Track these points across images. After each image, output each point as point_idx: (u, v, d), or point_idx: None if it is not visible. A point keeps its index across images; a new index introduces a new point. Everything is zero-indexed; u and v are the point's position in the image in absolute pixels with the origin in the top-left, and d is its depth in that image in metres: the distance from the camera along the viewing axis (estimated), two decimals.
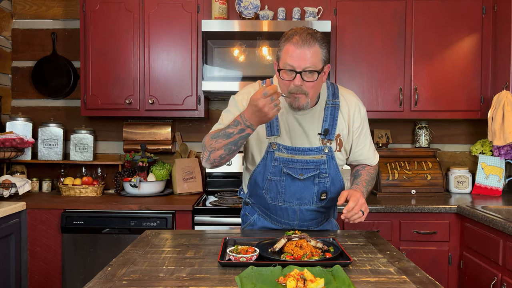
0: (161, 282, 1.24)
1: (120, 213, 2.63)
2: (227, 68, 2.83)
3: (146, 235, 1.78)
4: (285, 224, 1.83)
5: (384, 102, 2.94)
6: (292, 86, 1.57)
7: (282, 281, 1.20)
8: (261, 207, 1.84)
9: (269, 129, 1.71)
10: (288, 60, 1.55)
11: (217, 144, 1.60)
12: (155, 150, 3.21)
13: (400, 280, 1.27)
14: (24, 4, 3.33)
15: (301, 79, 1.55)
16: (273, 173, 1.73)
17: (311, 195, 1.75)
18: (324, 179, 1.74)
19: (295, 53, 1.54)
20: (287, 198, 1.75)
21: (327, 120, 1.72)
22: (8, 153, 2.86)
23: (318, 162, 1.71)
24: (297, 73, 1.55)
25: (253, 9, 2.88)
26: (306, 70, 1.55)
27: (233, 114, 1.70)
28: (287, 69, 1.56)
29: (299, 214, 1.79)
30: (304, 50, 1.54)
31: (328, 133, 1.72)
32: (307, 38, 1.54)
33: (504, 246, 2.12)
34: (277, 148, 1.71)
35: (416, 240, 2.60)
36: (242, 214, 1.94)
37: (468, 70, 2.94)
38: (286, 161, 1.71)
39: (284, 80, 1.59)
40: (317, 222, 1.85)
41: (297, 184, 1.73)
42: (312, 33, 1.57)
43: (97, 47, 2.93)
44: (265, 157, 1.73)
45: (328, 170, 1.73)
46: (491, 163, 3.01)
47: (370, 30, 2.92)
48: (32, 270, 2.66)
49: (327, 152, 1.72)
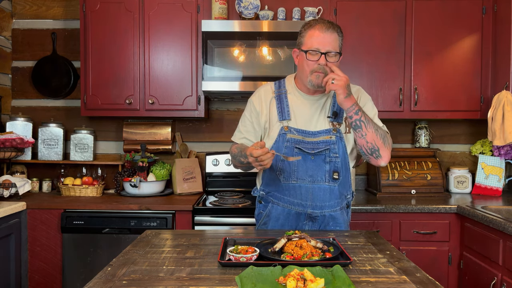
0: (161, 282, 1.24)
1: (120, 213, 2.63)
2: (227, 68, 2.83)
3: (146, 235, 1.78)
4: (299, 206, 1.85)
5: (384, 102, 2.94)
6: (316, 66, 1.77)
7: (282, 281, 1.20)
8: (275, 192, 1.89)
9: (281, 114, 1.88)
10: (314, 43, 1.76)
11: (236, 163, 1.94)
12: (155, 150, 3.21)
13: (400, 280, 1.27)
14: (24, 4, 3.33)
15: (325, 59, 1.75)
16: (286, 153, 1.84)
17: (323, 173, 1.84)
18: (334, 158, 1.85)
19: (320, 37, 1.76)
20: (300, 175, 1.84)
21: (335, 105, 1.87)
22: (8, 153, 2.87)
23: (327, 142, 1.84)
24: (322, 53, 1.75)
25: (253, 9, 2.88)
26: (330, 52, 1.76)
27: (248, 119, 1.95)
28: (313, 50, 1.76)
29: (312, 193, 1.84)
30: (327, 34, 1.76)
31: (337, 115, 1.86)
32: (328, 26, 1.77)
33: (504, 246, 2.12)
34: (288, 130, 1.85)
35: (416, 240, 2.60)
36: (257, 213, 1.99)
37: (468, 70, 2.94)
38: (298, 141, 1.84)
39: (310, 61, 1.78)
40: (330, 206, 1.87)
41: (309, 161, 1.84)
42: (331, 22, 1.80)
43: (97, 47, 2.93)
44: (277, 140, 1.86)
45: (337, 151, 1.85)
46: (491, 163, 3.01)
47: (370, 30, 2.92)
48: (32, 270, 2.66)
49: (336, 133, 1.85)
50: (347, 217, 1.97)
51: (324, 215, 1.87)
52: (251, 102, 1.96)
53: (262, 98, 1.94)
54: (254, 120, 1.94)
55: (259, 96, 1.95)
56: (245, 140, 1.95)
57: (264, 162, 1.65)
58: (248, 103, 1.98)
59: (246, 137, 1.95)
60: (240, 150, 1.88)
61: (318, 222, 1.88)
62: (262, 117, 1.92)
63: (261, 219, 1.96)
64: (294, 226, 1.89)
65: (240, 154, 1.87)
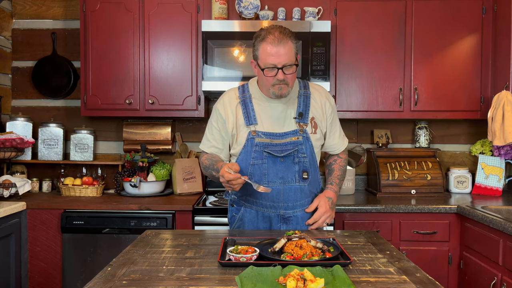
0: (161, 282, 1.24)
1: (120, 213, 2.63)
2: (227, 68, 2.83)
3: (146, 235, 1.78)
4: (271, 208, 1.88)
5: (384, 102, 2.94)
6: (275, 80, 1.78)
7: (282, 281, 1.20)
8: (247, 196, 1.91)
9: (247, 119, 1.89)
10: (269, 59, 1.75)
11: (208, 175, 1.98)
12: (155, 150, 3.21)
13: (400, 280, 1.27)
14: (24, 4, 3.33)
15: (283, 73, 1.76)
16: (255, 157, 1.86)
17: (293, 173, 1.88)
18: (303, 158, 1.88)
19: (273, 51, 1.74)
20: (270, 178, 1.87)
21: (300, 106, 1.91)
22: (8, 153, 2.87)
23: (295, 143, 1.87)
24: (278, 69, 1.76)
25: (253, 9, 2.88)
26: (286, 65, 1.75)
27: (215, 127, 1.95)
28: (269, 67, 1.76)
29: (284, 194, 1.87)
30: (280, 48, 1.74)
31: (302, 116, 1.89)
32: (280, 37, 1.74)
33: (504, 246, 2.12)
34: (256, 134, 1.87)
35: (416, 240, 2.60)
36: (230, 217, 2.00)
37: (468, 70, 2.94)
38: (266, 145, 1.86)
39: (268, 76, 1.78)
40: (301, 205, 1.90)
41: (278, 164, 1.87)
42: (283, 31, 1.76)
43: (97, 47, 2.93)
44: (246, 145, 1.88)
45: (305, 151, 1.89)
46: (491, 163, 3.01)
47: (370, 30, 2.92)
48: (32, 270, 2.66)
49: (303, 134, 1.88)
50: None
51: (297, 215, 1.90)
52: (217, 110, 1.94)
53: (227, 104, 1.92)
54: (221, 127, 1.93)
55: (223, 103, 1.94)
56: (214, 148, 1.95)
57: (234, 186, 1.69)
58: (214, 111, 1.97)
59: (215, 146, 1.95)
60: (212, 163, 1.90)
61: (292, 223, 1.90)
62: (228, 124, 1.91)
63: (235, 223, 1.97)
64: (269, 229, 1.91)
65: (212, 167, 1.89)
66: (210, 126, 1.98)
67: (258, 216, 1.91)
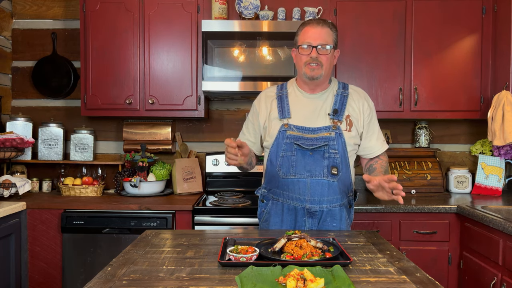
0: (161, 282, 1.24)
1: (120, 213, 2.63)
2: (227, 68, 2.83)
3: (146, 235, 1.78)
4: (297, 200, 1.88)
5: (384, 102, 2.94)
6: (308, 58, 1.85)
7: (282, 281, 1.20)
8: (275, 188, 1.93)
9: (281, 112, 1.93)
10: (306, 38, 1.86)
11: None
12: (155, 150, 3.21)
13: (400, 280, 1.27)
14: (24, 4, 3.33)
15: (317, 52, 1.84)
16: (285, 149, 1.89)
17: (321, 168, 1.87)
18: (333, 154, 1.88)
19: (310, 31, 1.86)
20: (298, 171, 1.87)
21: (336, 103, 1.93)
22: (8, 153, 2.87)
23: (327, 139, 1.87)
24: (313, 47, 1.84)
25: (253, 9, 2.88)
26: (321, 45, 1.84)
27: (250, 120, 2.04)
28: (305, 46, 1.85)
29: (310, 188, 1.86)
30: (318, 29, 1.85)
31: (337, 113, 1.90)
32: (319, 21, 1.88)
33: (504, 246, 2.12)
34: (288, 127, 1.90)
35: (416, 240, 2.60)
36: (259, 212, 2.03)
37: (468, 70, 2.94)
38: (297, 138, 1.88)
39: (302, 55, 1.87)
40: (329, 201, 1.88)
41: (307, 157, 1.87)
42: (324, 20, 1.91)
43: (97, 47, 2.93)
44: (278, 137, 1.91)
45: (337, 147, 1.88)
46: (491, 163, 3.01)
47: (370, 30, 2.92)
48: (32, 270, 2.66)
49: (336, 130, 1.88)
50: (349, 217, 1.97)
51: (323, 210, 1.88)
52: (253, 105, 2.06)
53: (262, 99, 2.02)
54: (254, 121, 2.03)
55: (260, 98, 2.04)
56: (248, 141, 2.02)
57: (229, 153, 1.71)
58: (252, 106, 2.08)
59: (248, 139, 2.04)
60: None
61: (317, 217, 1.89)
62: (260, 117, 1.99)
63: (263, 217, 1.99)
64: (294, 222, 1.91)
65: None
66: (247, 120, 2.08)
67: (284, 209, 1.92)
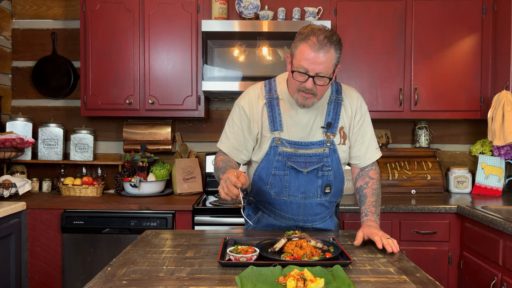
0: (161, 282, 1.24)
1: (120, 213, 2.63)
2: (227, 68, 2.83)
3: (146, 235, 1.78)
4: (290, 220, 1.82)
5: (384, 102, 2.94)
6: (302, 86, 1.62)
7: (282, 281, 1.20)
8: (265, 203, 1.84)
9: (272, 124, 1.74)
10: (303, 63, 1.57)
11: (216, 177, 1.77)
12: (155, 150, 3.21)
13: (400, 280, 1.27)
14: (24, 4, 3.33)
15: (313, 83, 1.59)
16: (277, 167, 1.75)
17: (315, 188, 1.77)
18: (327, 172, 1.76)
19: (310, 56, 1.55)
20: (291, 192, 1.77)
21: (330, 114, 1.76)
22: (8, 153, 2.87)
23: (320, 156, 1.75)
24: (309, 76, 1.58)
25: (253, 9, 2.88)
26: (319, 76, 1.58)
27: (238, 126, 1.78)
28: (301, 72, 1.59)
29: (304, 208, 1.79)
30: (319, 54, 1.54)
31: (331, 126, 1.75)
32: (324, 42, 1.54)
33: (504, 246, 2.12)
34: (280, 143, 1.74)
35: (416, 240, 2.60)
36: (246, 214, 1.93)
37: (468, 70, 2.94)
38: (290, 155, 1.74)
39: (296, 80, 1.62)
40: (321, 218, 1.85)
41: (301, 177, 1.75)
42: (329, 36, 1.56)
43: (97, 47, 2.93)
44: (268, 152, 1.75)
45: (330, 163, 1.76)
46: (491, 163, 3.01)
47: (370, 30, 2.92)
48: (32, 270, 2.66)
49: (329, 146, 1.75)
50: (336, 217, 1.95)
51: (316, 227, 1.85)
52: (241, 108, 1.78)
53: (253, 103, 1.77)
54: (245, 128, 1.78)
55: (250, 101, 1.77)
56: (233, 149, 1.79)
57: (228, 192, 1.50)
58: (237, 108, 1.80)
59: (234, 146, 1.79)
60: (225, 166, 1.72)
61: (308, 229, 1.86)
62: (254, 126, 1.76)
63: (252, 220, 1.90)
64: None
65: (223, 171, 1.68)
66: (231, 123, 1.80)
67: (276, 225, 1.85)
